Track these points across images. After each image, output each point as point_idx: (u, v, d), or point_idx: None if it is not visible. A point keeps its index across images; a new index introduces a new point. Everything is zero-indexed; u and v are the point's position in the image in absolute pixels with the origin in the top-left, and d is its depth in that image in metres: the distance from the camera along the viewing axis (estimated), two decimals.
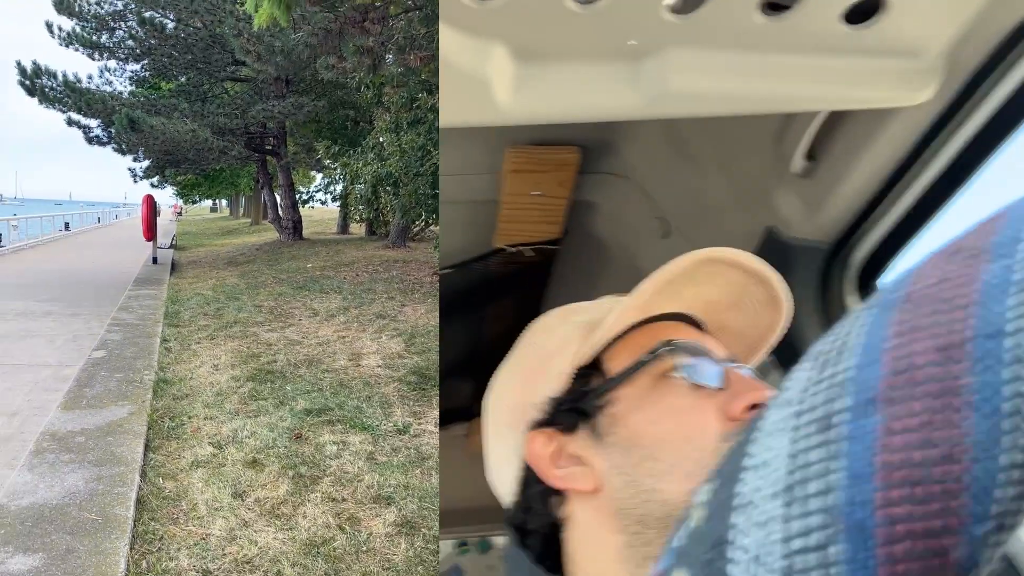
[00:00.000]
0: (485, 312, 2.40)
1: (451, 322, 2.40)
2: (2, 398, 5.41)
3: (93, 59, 17.40)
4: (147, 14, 15.86)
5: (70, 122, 16.58)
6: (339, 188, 22.70)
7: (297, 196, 20.80)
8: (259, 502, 3.69)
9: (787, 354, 1.77)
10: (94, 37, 16.90)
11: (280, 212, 19.76)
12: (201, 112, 15.92)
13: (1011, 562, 1.35)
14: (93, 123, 16.62)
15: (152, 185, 25.77)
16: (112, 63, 18.26)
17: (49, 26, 16.30)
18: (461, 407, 2.61)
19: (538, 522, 0.92)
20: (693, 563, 0.39)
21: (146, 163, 21.42)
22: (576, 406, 0.90)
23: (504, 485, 0.98)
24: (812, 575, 0.33)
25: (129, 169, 23.58)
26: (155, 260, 15.10)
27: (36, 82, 15.15)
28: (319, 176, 29.26)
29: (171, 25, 16.21)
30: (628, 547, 0.82)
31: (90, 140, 17.31)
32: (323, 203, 29.89)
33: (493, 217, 2.08)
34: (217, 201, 62.21)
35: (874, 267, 1.65)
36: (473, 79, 1.07)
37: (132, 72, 19.29)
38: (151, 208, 15.08)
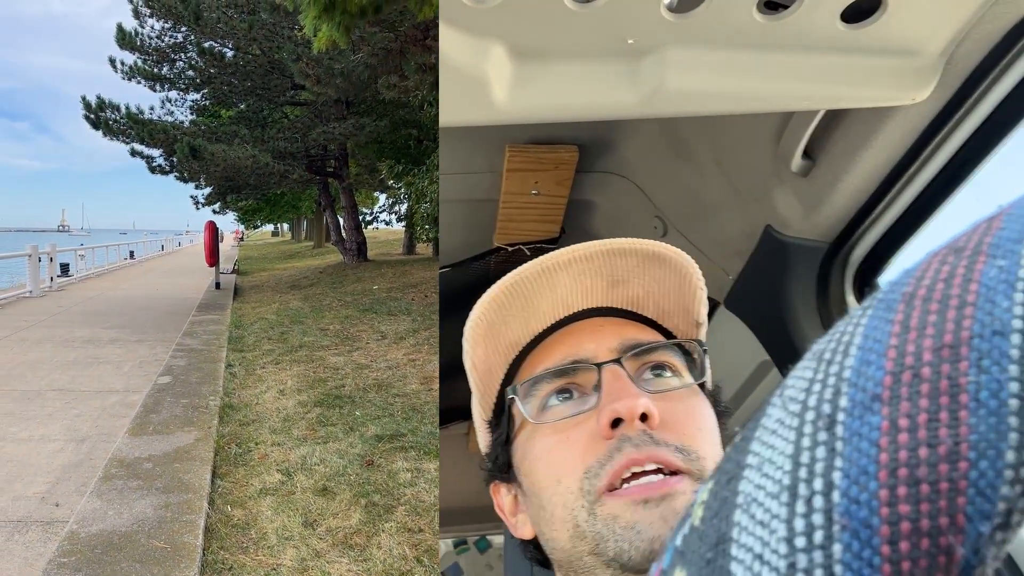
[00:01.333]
0: None
1: (450, 321, 2.38)
2: (71, 424, 5.43)
3: (155, 91, 17.83)
4: (206, 44, 16.18)
5: (133, 153, 16.92)
6: (403, 208, 22.84)
7: (360, 217, 20.92)
8: (331, 531, 3.56)
9: (787, 353, 1.72)
10: (155, 69, 17.31)
11: (343, 234, 19.88)
12: (261, 137, 16.12)
13: (1012, 561, 1.38)
14: (156, 153, 16.93)
15: (214, 211, 26.30)
16: (173, 94, 18.73)
17: (112, 61, 16.75)
18: (461, 406, 2.57)
19: (535, 558, 0.93)
20: (695, 562, 0.38)
21: (208, 190, 21.86)
22: (498, 458, 0.93)
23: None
24: (816, 573, 0.32)
25: (191, 196, 24.16)
26: (218, 285, 15.28)
27: (100, 115, 15.49)
28: (382, 197, 29.56)
29: (230, 54, 16.51)
30: None
31: (153, 170, 17.66)
32: (387, 223, 30.23)
33: (492, 216, 2.09)
34: (279, 225, 63.35)
35: (873, 266, 1.66)
36: (472, 78, 1.07)
37: (193, 101, 19.78)
38: (213, 234, 15.28)
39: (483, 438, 0.99)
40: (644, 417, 0.78)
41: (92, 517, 3.53)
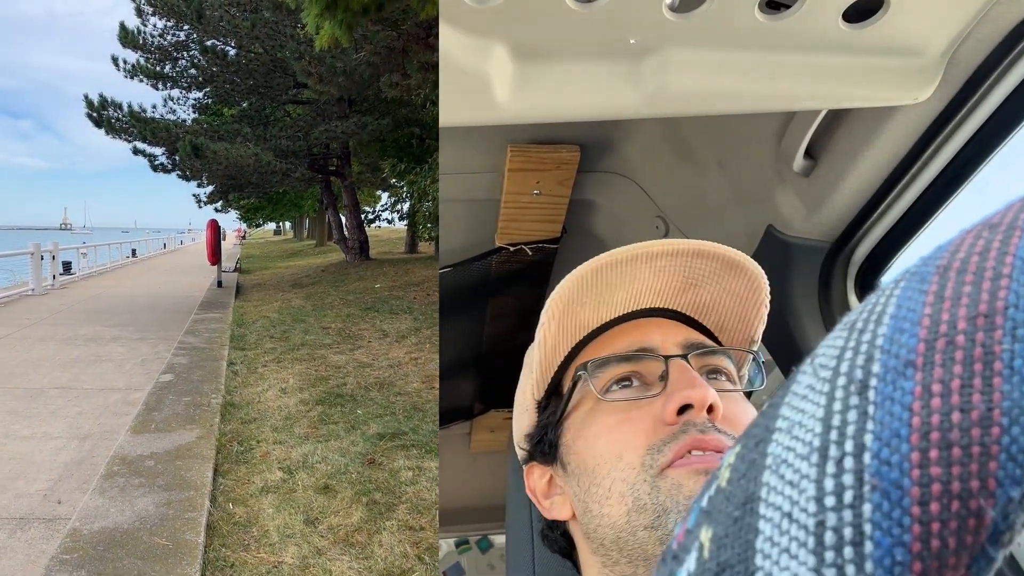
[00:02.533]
0: (485, 312, 2.39)
1: (451, 321, 2.41)
2: (73, 422, 5.44)
3: (157, 89, 17.82)
4: (209, 43, 16.16)
5: (135, 151, 16.94)
6: (406, 207, 22.80)
7: (362, 216, 20.91)
8: (332, 529, 3.57)
9: (789, 352, 1.72)
10: (158, 68, 17.31)
11: (345, 232, 19.86)
12: (264, 136, 16.11)
13: (1014, 561, 1.38)
14: (158, 151, 16.94)
15: (216, 210, 26.32)
16: (175, 92, 18.73)
17: (115, 60, 16.73)
18: (461, 406, 2.62)
19: (557, 545, 0.97)
20: (721, 521, 0.39)
21: (210, 188, 21.85)
22: (544, 437, 0.94)
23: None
24: (845, 532, 0.32)
25: (194, 195, 24.19)
26: (220, 284, 15.29)
27: (103, 114, 15.50)
28: (384, 195, 29.56)
29: (232, 52, 16.49)
30: (603, 567, 0.85)
31: (155, 168, 17.66)
32: (389, 222, 30.21)
33: (493, 216, 2.09)
34: (281, 223, 63.42)
35: (875, 266, 1.66)
36: (473, 78, 1.07)
37: (195, 100, 19.78)
38: (215, 232, 15.28)
39: (528, 418, 1.00)
40: (709, 409, 0.81)
41: (94, 514, 3.54)
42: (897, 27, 1.08)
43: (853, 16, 1.06)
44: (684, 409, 0.80)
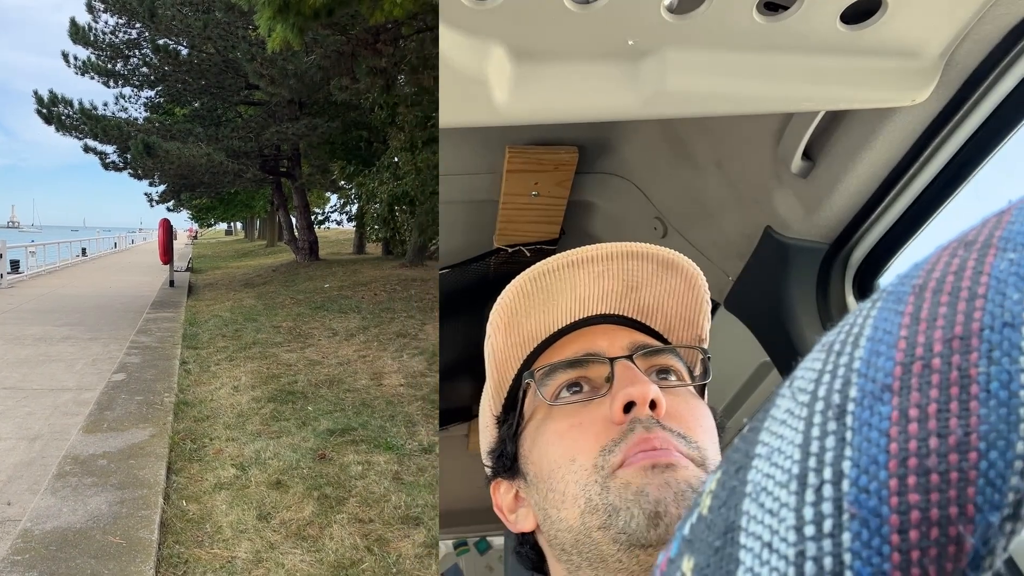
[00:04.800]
0: (484, 313, 2.43)
1: (450, 322, 2.41)
2: (23, 422, 5.42)
3: (108, 87, 17.61)
4: (161, 41, 15.96)
5: (87, 149, 16.69)
6: (354, 208, 22.71)
7: (312, 217, 20.81)
8: (284, 524, 3.65)
9: (787, 354, 1.78)
10: (109, 65, 17.07)
11: (296, 233, 19.75)
12: (215, 136, 15.96)
13: (1012, 561, 1.38)
14: (109, 149, 16.71)
15: (168, 209, 25.95)
16: (127, 90, 18.50)
17: (65, 56, 16.48)
18: (460, 407, 2.62)
19: (528, 560, 0.97)
20: (702, 550, 0.38)
21: (162, 188, 21.59)
22: (504, 451, 0.95)
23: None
24: (825, 561, 0.32)
25: (145, 194, 23.85)
26: (172, 283, 15.13)
27: (53, 110, 15.26)
28: (334, 197, 29.41)
29: (185, 52, 16.30)
30: (568, 573, 0.86)
31: (107, 166, 17.42)
32: (338, 223, 30.07)
33: (492, 217, 2.10)
34: (232, 224, 62.67)
35: (873, 267, 1.67)
36: (472, 79, 1.08)
37: (147, 99, 19.52)
38: (167, 232, 15.13)
39: (489, 435, 1.01)
40: (652, 406, 0.82)
41: (46, 514, 3.56)
42: (895, 28, 1.10)
43: (851, 17, 1.08)
44: (630, 407, 0.81)
